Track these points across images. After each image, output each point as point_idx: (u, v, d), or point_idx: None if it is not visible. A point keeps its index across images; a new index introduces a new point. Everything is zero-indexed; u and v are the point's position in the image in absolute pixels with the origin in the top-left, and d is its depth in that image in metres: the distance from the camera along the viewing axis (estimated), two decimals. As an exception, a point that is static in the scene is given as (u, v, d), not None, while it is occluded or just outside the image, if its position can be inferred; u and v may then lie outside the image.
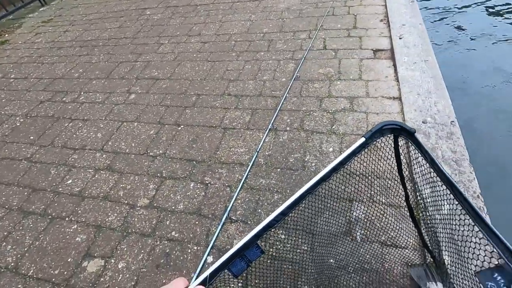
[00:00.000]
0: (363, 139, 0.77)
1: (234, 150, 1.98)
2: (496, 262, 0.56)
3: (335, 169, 0.73)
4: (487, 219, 1.37)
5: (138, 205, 1.76)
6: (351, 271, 1.25)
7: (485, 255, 0.60)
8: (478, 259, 0.63)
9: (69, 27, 4.31)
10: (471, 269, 0.63)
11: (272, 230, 0.66)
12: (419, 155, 0.77)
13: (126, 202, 1.79)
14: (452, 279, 0.93)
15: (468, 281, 0.64)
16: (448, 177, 0.67)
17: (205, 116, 2.29)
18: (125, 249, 1.56)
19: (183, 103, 2.47)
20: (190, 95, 2.54)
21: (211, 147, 2.03)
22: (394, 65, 2.37)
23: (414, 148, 0.79)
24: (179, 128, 2.24)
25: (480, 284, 0.57)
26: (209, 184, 1.79)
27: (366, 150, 0.78)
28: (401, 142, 0.83)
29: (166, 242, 1.56)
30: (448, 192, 0.69)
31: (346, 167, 0.76)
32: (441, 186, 0.71)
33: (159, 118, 2.36)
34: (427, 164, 0.75)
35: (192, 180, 1.84)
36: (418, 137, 0.78)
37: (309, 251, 1.21)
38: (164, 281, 1.40)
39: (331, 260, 1.23)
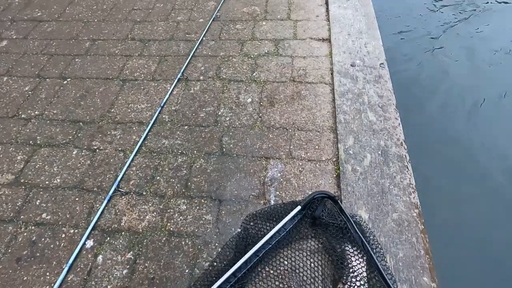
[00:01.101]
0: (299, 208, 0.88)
1: (133, 106, 1.59)
2: None
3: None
4: (409, 170, 1.18)
5: (-1, 183, 1.33)
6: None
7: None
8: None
9: None
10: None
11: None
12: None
13: (-19, 180, 1.35)
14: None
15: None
16: (366, 247, 0.79)
17: (99, 66, 1.82)
18: (-26, 242, 1.17)
19: (73, 51, 1.93)
20: (83, 40, 2.00)
21: (104, 104, 1.61)
22: (327, 3, 2.08)
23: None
24: (65, 82, 1.75)
25: None
26: (97, 150, 1.42)
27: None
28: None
29: (33, 227, 1.20)
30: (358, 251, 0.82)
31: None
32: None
33: (39, 70, 1.83)
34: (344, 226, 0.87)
35: (75, 147, 1.44)
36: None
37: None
38: (25, 278, 1.07)
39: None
